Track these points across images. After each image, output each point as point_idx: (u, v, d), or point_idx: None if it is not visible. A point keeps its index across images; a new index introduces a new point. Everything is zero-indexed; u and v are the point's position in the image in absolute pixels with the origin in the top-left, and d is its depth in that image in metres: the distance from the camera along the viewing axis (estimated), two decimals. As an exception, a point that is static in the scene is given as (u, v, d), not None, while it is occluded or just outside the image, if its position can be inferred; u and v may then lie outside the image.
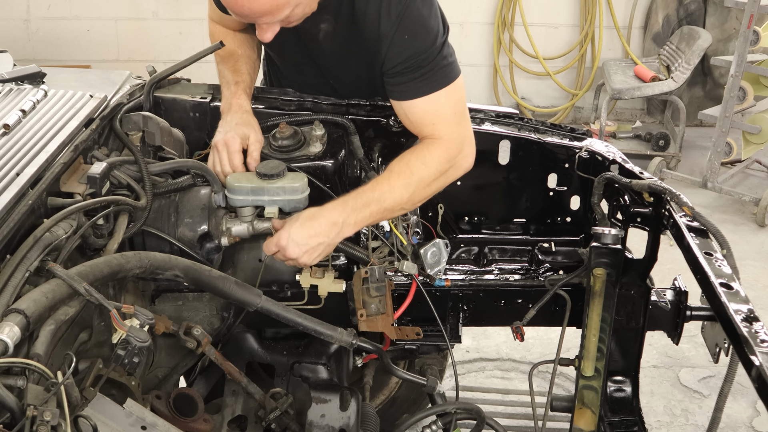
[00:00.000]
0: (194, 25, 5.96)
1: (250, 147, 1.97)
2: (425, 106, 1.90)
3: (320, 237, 1.80)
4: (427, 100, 1.89)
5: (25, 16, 6.04)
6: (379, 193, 1.85)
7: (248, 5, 1.68)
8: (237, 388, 1.92)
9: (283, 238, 1.80)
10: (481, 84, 6.42)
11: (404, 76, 1.89)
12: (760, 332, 1.43)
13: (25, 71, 2.17)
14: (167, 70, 2.18)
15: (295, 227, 1.80)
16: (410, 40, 1.84)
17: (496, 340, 3.64)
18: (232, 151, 1.94)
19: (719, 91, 5.99)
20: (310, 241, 1.80)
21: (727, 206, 5.14)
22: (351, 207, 1.83)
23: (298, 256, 1.80)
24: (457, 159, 1.93)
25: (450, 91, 1.90)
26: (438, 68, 1.87)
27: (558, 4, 6.20)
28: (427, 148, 1.91)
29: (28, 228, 1.53)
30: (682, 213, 1.84)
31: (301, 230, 1.80)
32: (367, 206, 1.84)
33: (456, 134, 1.92)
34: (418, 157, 1.89)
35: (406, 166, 1.88)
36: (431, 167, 1.89)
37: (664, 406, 3.29)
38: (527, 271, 2.22)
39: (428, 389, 1.94)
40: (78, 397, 1.35)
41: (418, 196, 1.91)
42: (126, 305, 1.48)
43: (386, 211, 1.87)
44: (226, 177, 1.90)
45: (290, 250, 1.80)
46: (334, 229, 1.81)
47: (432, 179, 1.90)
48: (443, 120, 1.91)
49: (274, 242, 1.82)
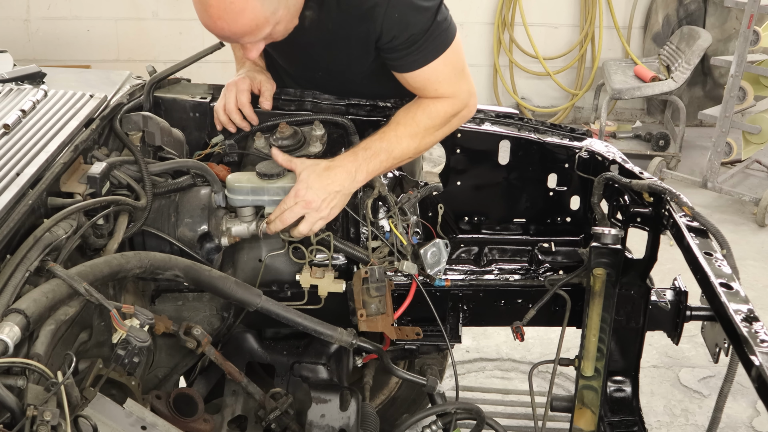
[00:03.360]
0: (194, 25, 5.90)
1: (263, 89, 2.06)
2: (425, 75, 1.93)
3: (337, 185, 1.85)
4: (426, 70, 1.92)
5: (25, 16, 6.04)
6: (387, 143, 1.90)
7: (228, 28, 1.69)
8: (237, 388, 1.92)
9: (302, 188, 1.83)
10: (481, 84, 6.42)
11: (400, 51, 1.90)
12: (760, 332, 1.43)
13: (25, 71, 2.17)
14: (167, 70, 2.18)
15: (314, 177, 1.84)
16: (402, 15, 1.84)
17: (496, 340, 3.64)
18: (241, 89, 2.04)
19: (719, 91, 5.99)
20: (330, 187, 1.84)
21: (727, 206, 5.14)
22: (362, 157, 1.88)
23: (320, 204, 1.83)
24: (463, 112, 1.99)
25: (448, 54, 1.92)
26: (434, 37, 1.88)
27: (558, 4, 6.20)
28: (433, 103, 1.95)
29: (28, 228, 1.53)
30: (682, 213, 1.84)
31: (320, 179, 1.83)
32: (376, 155, 1.89)
33: (460, 90, 1.96)
34: (424, 112, 1.94)
35: (412, 119, 1.93)
36: (436, 121, 1.95)
37: (664, 406, 3.29)
38: (527, 271, 2.22)
39: (428, 389, 1.94)
40: (78, 397, 1.35)
41: (425, 146, 1.97)
42: (126, 305, 1.48)
43: (395, 160, 1.93)
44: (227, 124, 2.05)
45: (311, 197, 1.82)
46: (349, 178, 1.86)
47: (436, 129, 1.96)
48: (444, 83, 1.94)
49: (293, 194, 1.84)
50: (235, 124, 2.10)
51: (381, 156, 1.90)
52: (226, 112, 2.09)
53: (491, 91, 6.44)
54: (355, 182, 1.88)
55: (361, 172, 1.88)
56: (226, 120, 2.10)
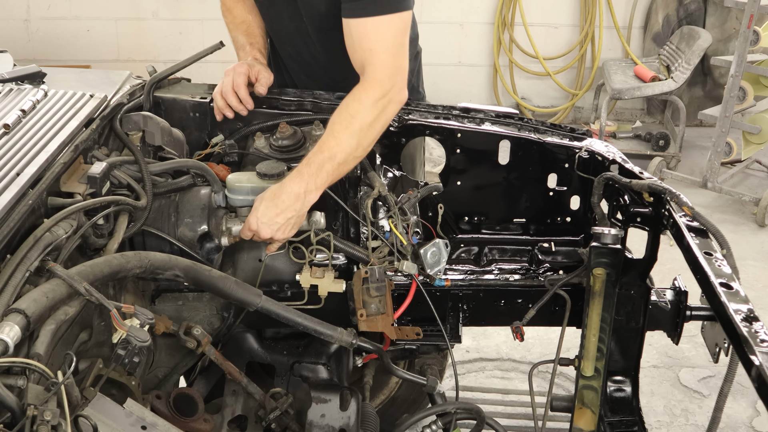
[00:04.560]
0: (194, 25, 5.97)
1: (260, 77, 2.12)
2: (368, 28, 1.94)
3: (287, 212, 1.85)
4: (371, 22, 1.93)
5: (25, 16, 6.04)
6: (328, 152, 1.88)
7: None
8: (237, 388, 1.92)
9: (253, 223, 1.85)
10: (481, 84, 6.42)
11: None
12: (760, 332, 1.43)
13: (25, 71, 2.17)
14: (167, 70, 2.18)
15: (261, 210, 1.84)
16: None
17: (496, 340, 3.64)
18: (238, 72, 2.09)
19: (719, 91, 5.99)
20: (279, 219, 1.84)
21: (727, 206, 5.14)
22: (307, 174, 1.87)
23: (273, 234, 1.85)
24: (391, 93, 1.95)
25: (395, 19, 1.93)
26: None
27: (558, 4, 6.20)
28: (361, 86, 1.95)
29: (28, 228, 1.53)
30: (682, 213, 1.84)
31: (267, 211, 1.84)
32: (321, 168, 1.88)
33: (390, 64, 1.95)
34: (354, 98, 1.94)
35: (345, 113, 1.92)
36: (367, 104, 1.92)
37: (664, 406, 3.29)
38: (527, 271, 2.22)
39: (428, 389, 1.94)
40: (78, 396, 1.35)
41: (366, 141, 1.94)
42: (126, 305, 1.48)
43: (341, 165, 1.90)
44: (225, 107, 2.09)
45: (263, 232, 1.85)
46: (299, 201, 1.85)
47: (373, 119, 1.93)
48: (381, 46, 1.94)
49: (246, 228, 1.87)
50: (232, 109, 2.11)
51: (326, 166, 1.87)
52: (222, 95, 2.10)
53: (491, 91, 6.44)
54: (307, 202, 1.87)
55: (310, 192, 1.86)
56: (223, 104, 2.11)
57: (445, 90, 6.06)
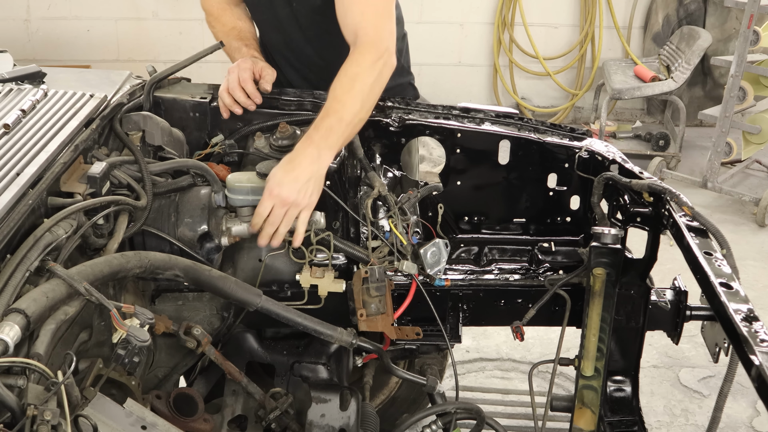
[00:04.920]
0: (194, 25, 5.96)
1: (263, 73, 2.13)
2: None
3: (306, 173, 1.84)
4: None
5: (25, 16, 6.04)
6: (334, 115, 1.91)
7: None
8: (237, 388, 1.92)
9: (275, 186, 1.83)
10: (481, 84, 6.42)
11: None
12: (760, 332, 1.43)
13: (25, 71, 2.17)
14: (167, 70, 2.18)
15: (279, 175, 1.84)
16: None
17: (496, 340, 3.64)
18: (243, 68, 2.10)
19: (719, 91, 5.99)
20: (300, 178, 1.84)
21: (727, 206, 5.14)
22: (317, 137, 1.88)
23: (296, 197, 1.83)
24: (385, 56, 1.99)
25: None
26: None
27: (558, 4, 6.20)
28: (357, 50, 1.99)
29: (28, 228, 1.53)
30: (682, 213, 1.84)
31: (286, 175, 1.84)
32: (330, 130, 1.89)
33: (382, 26, 2.01)
34: (352, 62, 1.97)
35: (344, 77, 1.95)
36: (365, 66, 1.96)
37: (664, 406, 3.29)
38: (527, 271, 2.22)
39: (428, 389, 1.94)
40: (78, 396, 1.35)
41: (369, 102, 1.97)
42: (126, 305, 1.48)
43: (349, 125, 1.93)
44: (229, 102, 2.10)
45: (286, 193, 1.82)
46: (315, 162, 1.86)
47: (372, 80, 1.96)
48: (372, 8, 2.01)
49: (266, 196, 1.83)
50: (240, 105, 2.11)
51: (335, 128, 1.89)
52: (229, 92, 2.10)
53: (491, 91, 6.44)
54: (323, 163, 1.88)
55: (324, 152, 1.88)
56: (230, 101, 2.11)
57: (445, 90, 6.06)
